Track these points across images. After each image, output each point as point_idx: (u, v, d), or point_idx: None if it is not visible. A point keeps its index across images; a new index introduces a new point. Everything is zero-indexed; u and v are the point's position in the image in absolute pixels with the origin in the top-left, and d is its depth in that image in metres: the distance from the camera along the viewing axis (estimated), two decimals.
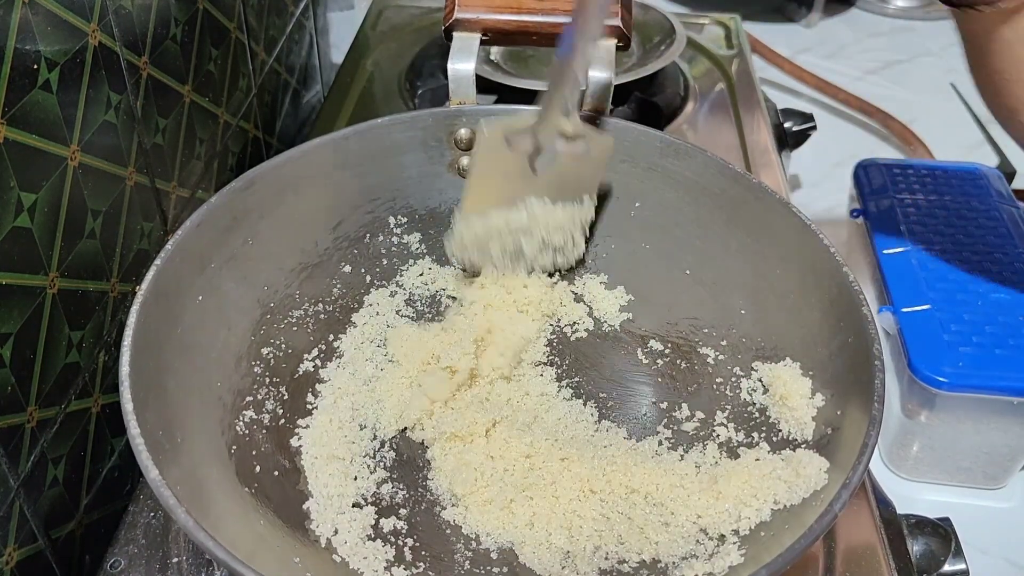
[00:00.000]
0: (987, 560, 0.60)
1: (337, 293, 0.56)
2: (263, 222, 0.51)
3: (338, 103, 0.82)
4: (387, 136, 0.56)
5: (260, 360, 0.50)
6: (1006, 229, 0.68)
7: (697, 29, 0.95)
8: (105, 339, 0.52)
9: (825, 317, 0.47)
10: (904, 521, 0.52)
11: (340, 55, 0.91)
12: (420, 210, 0.59)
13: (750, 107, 0.83)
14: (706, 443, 0.49)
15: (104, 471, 0.53)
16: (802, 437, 0.46)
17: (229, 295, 0.49)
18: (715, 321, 0.54)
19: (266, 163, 0.52)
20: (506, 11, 0.56)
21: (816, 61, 1.11)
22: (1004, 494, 0.64)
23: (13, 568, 0.44)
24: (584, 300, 0.58)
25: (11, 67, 0.41)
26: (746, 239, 0.53)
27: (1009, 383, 0.57)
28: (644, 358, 0.55)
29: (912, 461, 0.63)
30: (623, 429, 0.51)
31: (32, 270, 0.44)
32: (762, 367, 0.50)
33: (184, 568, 0.46)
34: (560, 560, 0.44)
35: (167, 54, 0.58)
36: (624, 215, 0.57)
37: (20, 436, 0.44)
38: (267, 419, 0.49)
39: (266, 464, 0.47)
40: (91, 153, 0.48)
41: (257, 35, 0.75)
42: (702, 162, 0.54)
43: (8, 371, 0.42)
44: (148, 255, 0.56)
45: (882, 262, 0.67)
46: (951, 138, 0.96)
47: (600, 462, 0.47)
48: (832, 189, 0.89)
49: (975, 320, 0.61)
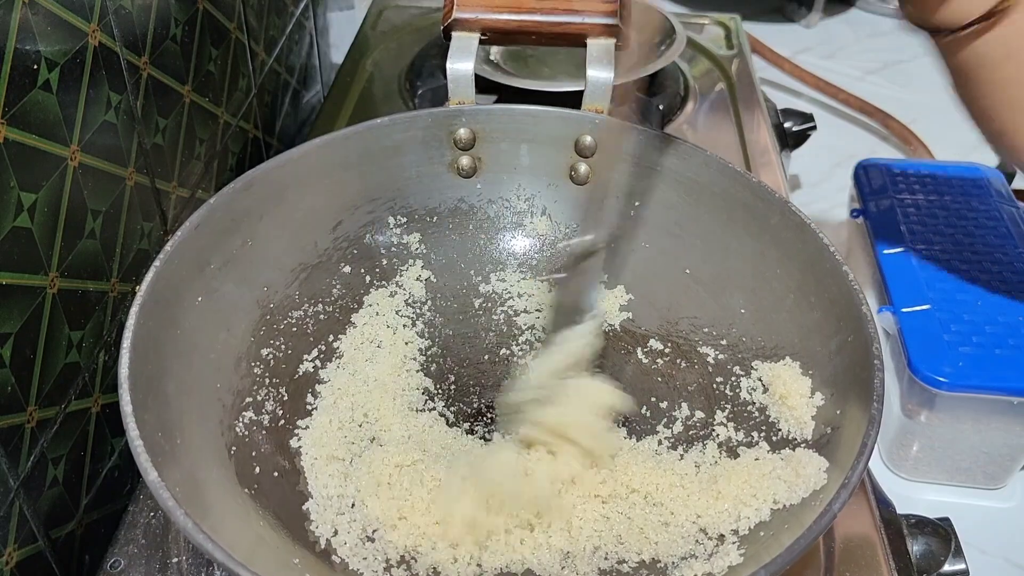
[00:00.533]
0: (987, 560, 0.59)
1: (337, 293, 0.56)
2: (263, 223, 0.51)
3: (338, 103, 0.82)
4: (387, 136, 0.56)
5: (260, 361, 0.50)
6: (1006, 229, 0.68)
7: (697, 29, 0.95)
8: (105, 339, 0.52)
9: (825, 317, 0.47)
10: (904, 521, 0.52)
11: (340, 55, 0.91)
12: (420, 210, 0.59)
13: (750, 107, 0.83)
14: (706, 443, 0.49)
15: (104, 471, 0.53)
16: (802, 437, 0.46)
17: (228, 296, 0.49)
18: (715, 321, 0.54)
19: (266, 163, 0.52)
20: (505, 11, 0.56)
21: (816, 61, 1.11)
22: (1004, 494, 0.64)
23: (13, 568, 0.44)
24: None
25: (11, 67, 0.41)
26: (746, 239, 0.53)
27: (1009, 383, 0.57)
28: (644, 358, 0.55)
29: (912, 461, 0.63)
30: (623, 429, 0.51)
31: (32, 270, 0.44)
32: (762, 366, 0.50)
33: (184, 568, 0.46)
34: (560, 560, 0.44)
35: (167, 54, 0.58)
36: (624, 215, 0.57)
37: (20, 436, 0.44)
38: (267, 420, 0.49)
39: (266, 465, 0.47)
40: (91, 153, 0.48)
41: (257, 35, 0.75)
42: (702, 162, 0.54)
43: (8, 371, 0.42)
44: (148, 255, 0.56)
45: (882, 262, 0.67)
46: (951, 138, 0.96)
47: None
48: (832, 189, 0.89)
49: (975, 320, 0.61)
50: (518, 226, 0.60)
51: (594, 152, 0.57)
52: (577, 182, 0.58)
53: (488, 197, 0.60)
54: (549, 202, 0.60)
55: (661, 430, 0.51)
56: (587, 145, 0.57)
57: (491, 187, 0.59)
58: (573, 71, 0.76)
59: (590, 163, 0.58)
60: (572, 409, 0.46)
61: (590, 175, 0.58)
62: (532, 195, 0.60)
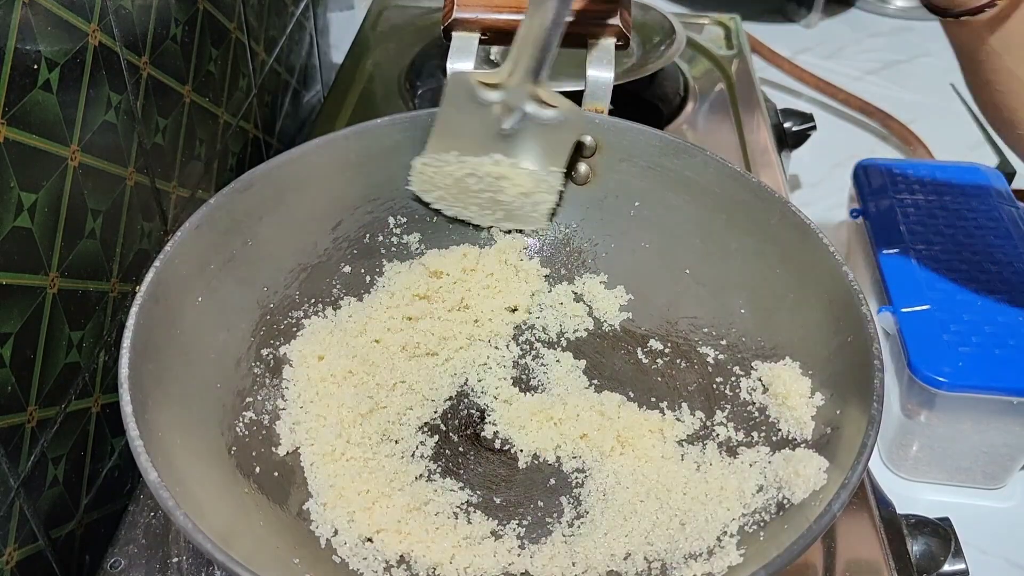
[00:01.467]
0: (987, 560, 0.60)
1: (337, 293, 0.56)
2: (262, 223, 0.51)
3: (338, 103, 0.82)
4: (387, 136, 0.56)
5: (260, 361, 0.50)
6: (1006, 229, 0.68)
7: (697, 29, 0.95)
8: (105, 339, 0.52)
9: (825, 317, 0.47)
10: (904, 521, 0.52)
11: (340, 55, 0.91)
12: (420, 210, 0.59)
13: (750, 107, 0.83)
14: (706, 443, 0.49)
15: (104, 471, 0.53)
16: (801, 437, 0.46)
17: (229, 296, 0.49)
18: (715, 321, 0.54)
19: (266, 163, 0.52)
20: (505, 10, 0.56)
21: (816, 61, 1.11)
22: (1004, 494, 0.64)
23: (13, 568, 0.44)
24: (584, 300, 0.58)
25: (11, 67, 0.41)
26: (746, 239, 0.53)
27: (1009, 383, 0.57)
28: (644, 358, 0.55)
29: (912, 461, 0.63)
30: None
31: (32, 270, 0.44)
32: (762, 366, 0.50)
33: (184, 568, 0.46)
34: (560, 562, 0.44)
35: (167, 54, 0.58)
36: (624, 215, 0.57)
37: (20, 436, 0.44)
38: (267, 420, 0.49)
39: (266, 465, 0.47)
40: (91, 153, 0.48)
41: (257, 35, 0.75)
42: (702, 162, 0.54)
43: (8, 371, 0.42)
44: (148, 255, 0.56)
45: (882, 262, 0.67)
46: (951, 138, 0.96)
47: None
48: (832, 189, 0.89)
49: (975, 320, 0.61)
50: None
51: (594, 152, 0.57)
52: (577, 182, 0.58)
53: None
54: None
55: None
56: (587, 145, 0.57)
57: None
58: (573, 71, 0.76)
59: (590, 163, 0.58)
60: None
61: (590, 175, 0.58)
62: None
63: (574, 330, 0.56)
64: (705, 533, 0.44)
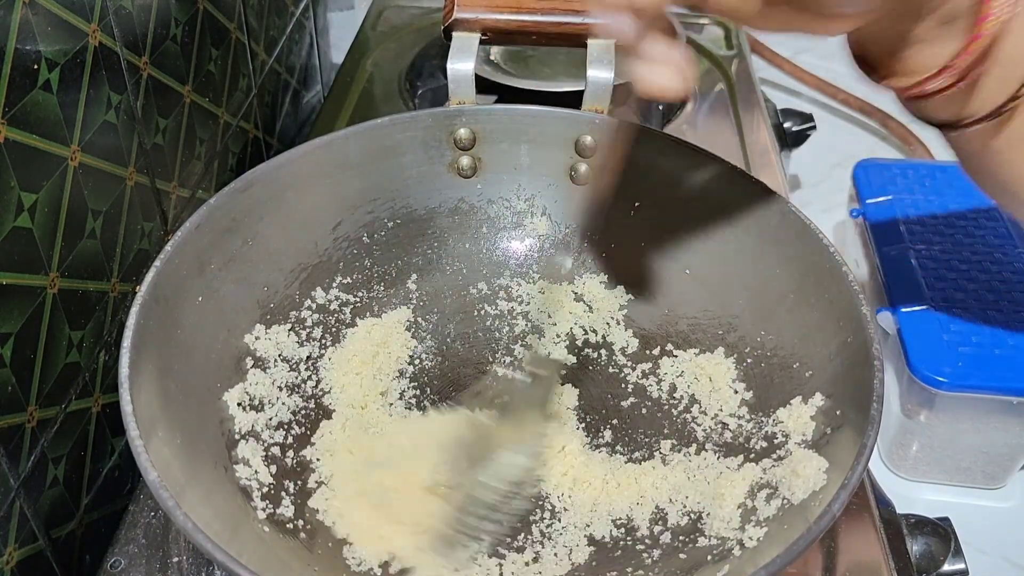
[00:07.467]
0: (987, 560, 0.60)
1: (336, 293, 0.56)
2: (263, 223, 0.51)
3: (338, 103, 0.82)
4: (387, 136, 0.56)
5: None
6: (1006, 229, 0.68)
7: (697, 29, 0.95)
8: (106, 339, 0.52)
9: (825, 317, 0.47)
10: (904, 521, 0.52)
11: (340, 55, 0.91)
12: (420, 210, 0.59)
13: (750, 107, 0.83)
14: (706, 443, 0.49)
15: (104, 471, 0.53)
16: (802, 437, 0.46)
17: (229, 296, 0.49)
18: (715, 321, 0.54)
19: (266, 163, 0.52)
20: (506, 11, 0.56)
21: (816, 61, 1.11)
22: (1003, 494, 0.64)
23: (13, 568, 0.44)
24: (584, 300, 0.58)
25: (11, 67, 0.41)
26: (746, 239, 0.53)
27: (1009, 383, 0.57)
28: (640, 378, 0.55)
29: (911, 461, 0.63)
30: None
31: (32, 270, 0.44)
32: (762, 366, 0.50)
33: (184, 568, 0.46)
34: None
35: (167, 54, 0.58)
36: (624, 215, 0.57)
37: (20, 436, 0.44)
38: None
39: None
40: (91, 153, 0.48)
41: (257, 35, 0.75)
42: (702, 162, 0.54)
43: (8, 371, 0.42)
44: (148, 255, 0.56)
45: (882, 262, 0.67)
46: None
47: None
48: (832, 189, 0.89)
49: (975, 320, 0.61)
50: (518, 226, 0.60)
51: (594, 152, 0.57)
52: (577, 182, 0.59)
53: (488, 197, 0.60)
54: (549, 202, 0.60)
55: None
56: (587, 145, 0.57)
57: (491, 187, 0.59)
58: (573, 71, 0.76)
59: (590, 163, 0.58)
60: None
61: (590, 175, 0.58)
62: (532, 195, 0.60)
63: (572, 330, 0.56)
64: (704, 534, 0.44)
